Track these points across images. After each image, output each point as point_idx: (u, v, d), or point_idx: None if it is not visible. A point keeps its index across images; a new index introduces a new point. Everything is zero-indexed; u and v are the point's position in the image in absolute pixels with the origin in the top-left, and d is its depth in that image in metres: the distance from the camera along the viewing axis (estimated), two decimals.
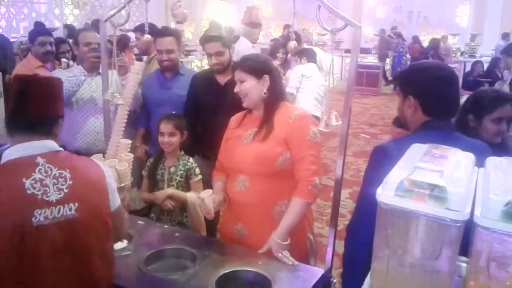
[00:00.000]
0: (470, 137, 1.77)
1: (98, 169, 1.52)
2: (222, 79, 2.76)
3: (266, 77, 2.00)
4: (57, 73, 2.99)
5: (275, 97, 2.04)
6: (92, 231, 1.44)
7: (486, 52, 11.21)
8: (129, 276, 1.80)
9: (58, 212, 1.36)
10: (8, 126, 1.45)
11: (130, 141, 2.35)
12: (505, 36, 10.75)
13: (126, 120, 2.47)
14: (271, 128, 1.99)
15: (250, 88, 2.01)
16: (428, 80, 1.62)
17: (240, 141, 2.06)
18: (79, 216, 1.40)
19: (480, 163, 1.31)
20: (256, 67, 2.01)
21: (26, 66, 3.49)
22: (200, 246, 2.01)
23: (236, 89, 2.04)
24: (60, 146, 1.50)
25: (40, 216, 1.33)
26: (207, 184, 2.40)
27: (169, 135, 2.53)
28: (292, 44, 2.11)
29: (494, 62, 8.34)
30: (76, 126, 2.89)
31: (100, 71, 2.98)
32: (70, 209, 1.39)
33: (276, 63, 4.36)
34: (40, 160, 1.38)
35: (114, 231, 1.55)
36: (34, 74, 1.55)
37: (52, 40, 3.73)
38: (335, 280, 1.98)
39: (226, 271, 1.81)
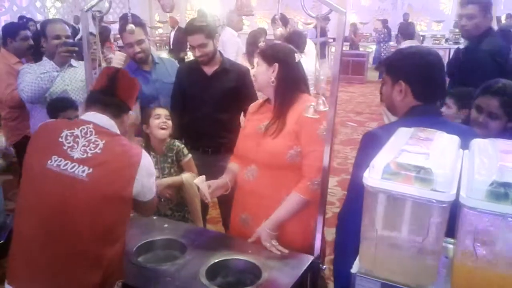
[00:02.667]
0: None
1: (136, 160, 1.55)
2: (208, 70, 2.73)
3: (276, 65, 1.98)
4: (27, 68, 2.84)
5: (287, 88, 1.99)
6: (92, 204, 1.46)
7: None
8: None
9: (71, 168, 1.47)
10: (89, 101, 1.68)
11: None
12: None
13: None
14: (283, 124, 1.96)
15: (259, 73, 2.03)
16: (419, 65, 1.63)
17: (254, 131, 2.05)
18: (87, 181, 1.46)
19: (465, 146, 1.32)
20: (269, 53, 2.02)
21: (3, 63, 3.34)
22: (190, 236, 2.01)
23: (252, 72, 2.07)
24: None
25: (55, 162, 1.48)
26: (198, 174, 2.39)
27: (165, 117, 2.47)
28: (278, 31, 2.09)
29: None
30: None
31: (73, 63, 2.93)
32: (83, 171, 1.46)
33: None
34: (90, 125, 1.55)
35: (140, 211, 1.70)
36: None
37: (30, 34, 3.64)
38: (325, 266, 1.99)
39: (216, 260, 1.82)
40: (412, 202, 1.10)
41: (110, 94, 1.64)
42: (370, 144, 1.55)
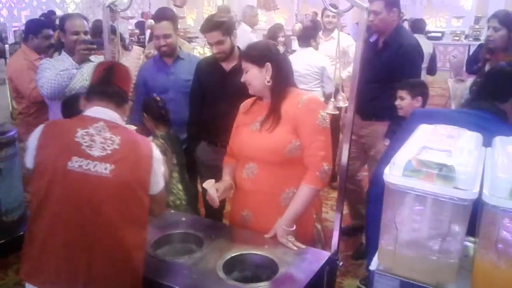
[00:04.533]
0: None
1: (149, 151, 1.59)
2: (227, 66, 2.74)
3: (268, 65, 1.96)
4: (47, 63, 2.86)
5: (281, 84, 1.99)
6: (118, 197, 1.50)
7: None
8: None
9: (94, 167, 1.48)
10: (90, 93, 1.68)
11: (135, 127, 2.35)
12: None
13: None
14: (278, 117, 1.96)
15: (253, 78, 1.98)
16: None
17: (249, 129, 2.04)
18: (112, 177, 1.48)
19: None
20: (257, 55, 1.98)
21: (24, 58, 3.36)
22: (207, 231, 2.02)
23: (242, 79, 2.03)
24: None
25: (76, 163, 1.48)
26: (215, 169, 2.39)
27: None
28: (297, 26, 2.09)
29: None
30: None
31: (91, 58, 2.94)
32: (106, 168, 1.48)
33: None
34: (101, 122, 1.56)
35: (151, 208, 1.64)
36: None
37: (52, 32, 3.66)
38: (341, 263, 1.98)
39: (233, 255, 1.82)
40: (433, 200, 1.09)
41: (108, 83, 1.67)
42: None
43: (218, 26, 2.59)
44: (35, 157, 1.53)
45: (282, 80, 2.00)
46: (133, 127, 2.33)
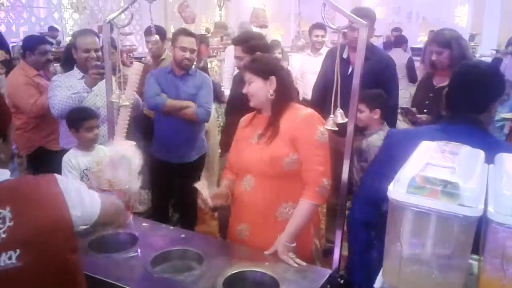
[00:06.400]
0: None
1: (58, 198, 1.21)
2: None
3: (273, 78, 1.98)
4: (58, 81, 2.90)
5: (283, 98, 2.01)
6: (43, 281, 1.17)
7: (485, 52, 11.21)
8: (135, 278, 1.79)
9: None
10: None
11: (134, 142, 2.34)
12: None
13: (128, 121, 2.47)
14: (277, 130, 1.97)
15: (257, 90, 2.00)
16: None
17: (247, 142, 2.05)
18: (23, 265, 1.12)
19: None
20: (263, 68, 2.00)
21: (22, 74, 3.38)
22: (206, 247, 2.00)
23: (244, 90, 2.04)
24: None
25: None
26: None
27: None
28: (301, 42, 2.11)
29: (495, 63, 8.31)
30: None
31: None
32: (10, 258, 1.12)
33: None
34: None
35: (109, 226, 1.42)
36: None
37: (50, 47, 3.68)
38: (342, 281, 1.96)
39: (233, 272, 1.80)
40: (438, 217, 1.08)
41: None
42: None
43: (246, 41, 2.78)
44: None
45: (284, 95, 2.02)
46: (131, 142, 2.32)
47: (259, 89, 2.00)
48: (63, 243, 1.20)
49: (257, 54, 2.24)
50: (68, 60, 3.43)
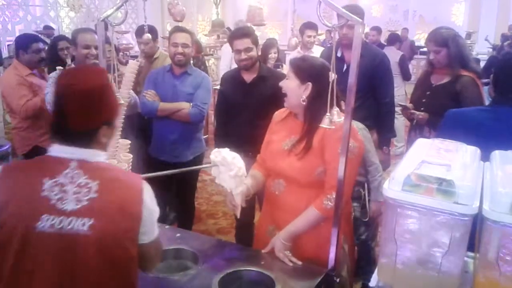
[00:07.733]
0: None
1: (138, 194, 1.30)
2: (248, 77, 2.84)
3: (309, 85, 1.86)
4: (55, 80, 2.92)
5: (317, 110, 1.83)
6: (102, 257, 1.23)
7: (482, 50, 11.24)
8: None
9: (69, 224, 1.20)
10: (51, 135, 1.33)
11: (129, 142, 2.32)
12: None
13: (123, 120, 2.45)
14: (310, 145, 1.89)
15: (290, 89, 1.91)
16: None
17: (279, 146, 1.99)
18: (91, 235, 1.21)
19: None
20: (303, 70, 1.89)
21: (15, 74, 3.35)
22: (202, 247, 1.99)
23: (280, 83, 1.95)
24: None
25: (47, 222, 1.19)
26: None
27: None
28: (293, 40, 2.09)
29: (491, 61, 8.32)
30: None
31: None
32: (83, 224, 1.21)
33: (270, 63, 4.32)
34: (73, 164, 1.26)
35: (142, 262, 1.36)
36: (70, 85, 1.31)
37: (44, 46, 3.65)
38: (338, 279, 1.96)
39: (228, 271, 1.79)
40: (433, 215, 1.08)
41: (62, 127, 1.28)
42: None
43: (250, 34, 2.79)
44: (1, 217, 1.21)
45: (321, 106, 1.77)
46: (127, 141, 2.31)
47: (292, 89, 1.91)
48: (127, 232, 1.26)
49: (307, 55, 2.17)
50: (53, 59, 3.44)
